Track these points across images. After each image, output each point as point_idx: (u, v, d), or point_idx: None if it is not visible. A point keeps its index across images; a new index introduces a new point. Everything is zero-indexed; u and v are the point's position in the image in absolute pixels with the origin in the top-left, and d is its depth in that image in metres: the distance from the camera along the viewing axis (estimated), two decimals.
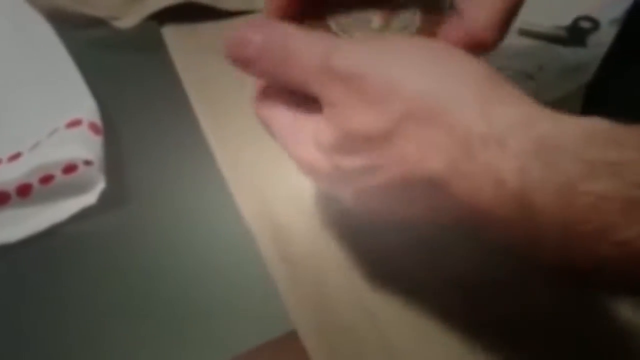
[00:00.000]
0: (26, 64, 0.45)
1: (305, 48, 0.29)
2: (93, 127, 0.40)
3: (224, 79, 0.46)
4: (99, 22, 0.49)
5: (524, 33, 0.51)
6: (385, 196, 0.30)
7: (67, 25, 0.48)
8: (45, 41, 0.46)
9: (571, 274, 0.28)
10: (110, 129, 0.42)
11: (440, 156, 0.27)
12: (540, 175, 0.26)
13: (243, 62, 0.31)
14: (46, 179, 0.39)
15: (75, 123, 0.40)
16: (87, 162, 0.39)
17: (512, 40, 0.50)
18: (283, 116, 0.31)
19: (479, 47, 0.33)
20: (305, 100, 0.31)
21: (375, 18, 0.33)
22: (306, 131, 0.31)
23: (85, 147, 0.39)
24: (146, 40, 0.49)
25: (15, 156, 0.40)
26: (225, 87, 0.46)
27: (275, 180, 0.42)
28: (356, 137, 0.29)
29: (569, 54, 0.47)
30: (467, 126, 0.27)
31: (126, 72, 0.48)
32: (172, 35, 0.49)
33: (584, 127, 0.26)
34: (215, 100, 0.45)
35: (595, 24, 0.50)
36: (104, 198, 0.40)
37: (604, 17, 0.51)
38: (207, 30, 0.49)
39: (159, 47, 0.49)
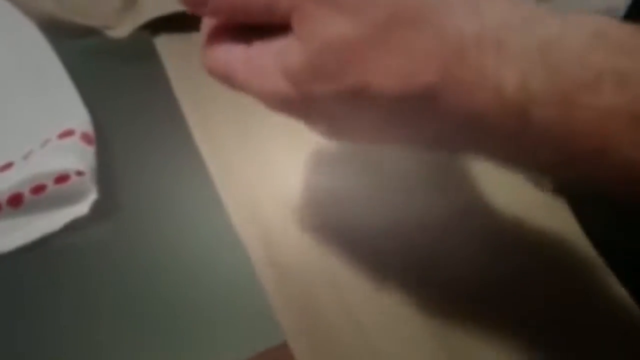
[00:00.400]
0: (18, 72, 0.45)
1: None
2: (85, 137, 0.40)
3: (216, 89, 0.46)
4: (91, 31, 0.49)
5: None
6: (368, 122, 0.27)
7: (60, 33, 0.48)
8: (38, 50, 0.46)
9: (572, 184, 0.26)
10: (102, 138, 0.42)
11: (432, 65, 0.25)
12: (542, 86, 0.24)
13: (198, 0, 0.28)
14: (38, 189, 0.39)
15: (67, 133, 0.40)
16: (79, 173, 0.39)
17: None
18: (239, 52, 0.29)
19: None
20: (262, 33, 0.28)
21: None
22: (269, 58, 0.27)
23: (77, 157, 0.39)
24: (139, 49, 0.49)
25: (7, 166, 0.40)
26: (218, 96, 0.46)
27: (266, 188, 0.42)
28: (332, 51, 0.25)
29: None
30: (457, 26, 0.24)
31: (118, 81, 0.48)
32: (165, 44, 0.49)
33: (593, 28, 0.24)
34: (207, 109, 0.45)
35: None
36: (95, 208, 0.40)
37: None
38: (200, 39, 0.49)
39: (151, 56, 0.49)
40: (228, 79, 0.29)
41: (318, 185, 0.42)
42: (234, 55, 0.29)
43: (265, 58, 0.28)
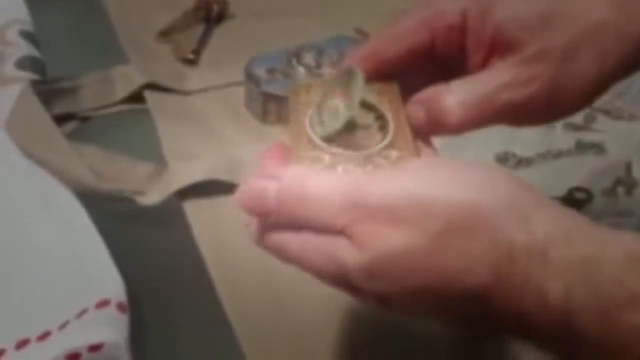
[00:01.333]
0: (56, 239, 0.48)
1: (325, 187, 0.30)
2: (120, 306, 0.42)
3: (242, 252, 0.48)
4: (122, 197, 0.52)
5: None
6: (418, 308, 0.30)
7: (92, 199, 0.51)
8: (75, 217, 0.49)
9: None
10: (134, 303, 0.44)
11: (485, 267, 0.27)
12: (584, 299, 0.26)
13: (261, 213, 0.31)
14: (73, 358, 0.40)
15: (103, 304, 0.42)
16: (114, 342, 0.40)
17: None
18: (299, 241, 0.30)
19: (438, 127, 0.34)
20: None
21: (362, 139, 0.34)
22: (327, 255, 0.29)
23: (112, 328, 0.40)
24: (168, 214, 0.52)
25: (45, 335, 0.41)
26: (244, 259, 0.48)
27: (296, 353, 0.43)
28: (390, 260, 0.28)
29: None
30: (509, 235, 0.27)
31: (149, 245, 0.50)
32: (193, 209, 0.52)
33: (626, 248, 0.27)
34: (234, 273, 0.47)
35: (589, 195, 0.54)
36: None
37: (596, 188, 0.54)
38: (226, 204, 0.52)
39: (180, 220, 0.51)
40: (281, 252, 0.31)
41: None
42: (290, 240, 0.31)
43: (320, 249, 0.30)
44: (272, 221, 0.31)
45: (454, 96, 0.34)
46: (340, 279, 0.30)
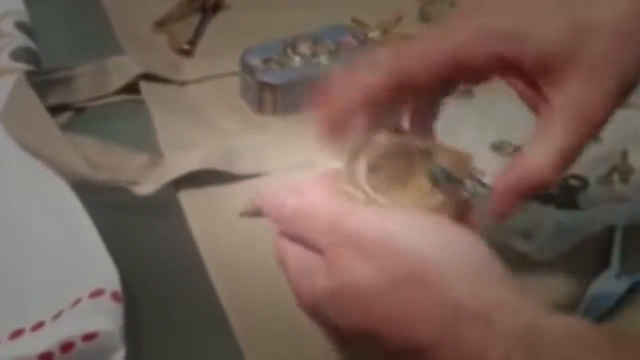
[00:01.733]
0: (49, 229, 0.48)
1: (322, 210, 0.32)
2: (114, 296, 0.42)
3: (237, 241, 0.48)
4: (118, 188, 0.51)
5: None
6: (369, 351, 0.31)
7: (87, 189, 0.51)
8: (69, 208, 0.49)
9: None
10: (129, 293, 0.44)
11: (430, 323, 0.29)
12: None
13: (279, 221, 0.34)
14: (67, 347, 0.40)
15: (97, 293, 0.42)
16: (108, 332, 0.41)
17: None
18: (294, 253, 0.34)
19: (537, 186, 0.34)
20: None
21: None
22: (308, 273, 0.32)
23: (106, 317, 0.41)
24: (163, 204, 0.52)
25: (39, 325, 0.41)
26: (239, 249, 0.48)
27: (292, 343, 0.43)
28: (351, 289, 0.30)
29: (563, 216, 0.50)
30: (459, 297, 0.29)
31: (144, 234, 0.50)
32: (188, 199, 0.52)
33: (566, 325, 0.28)
34: (230, 263, 0.47)
35: (584, 183, 0.54)
36: None
37: (591, 176, 0.54)
38: (221, 194, 0.52)
39: (175, 210, 0.51)
40: (281, 259, 0.34)
41: None
42: (290, 254, 0.34)
43: (306, 271, 0.33)
44: (284, 229, 0.34)
45: (541, 162, 0.34)
46: (313, 303, 0.32)
